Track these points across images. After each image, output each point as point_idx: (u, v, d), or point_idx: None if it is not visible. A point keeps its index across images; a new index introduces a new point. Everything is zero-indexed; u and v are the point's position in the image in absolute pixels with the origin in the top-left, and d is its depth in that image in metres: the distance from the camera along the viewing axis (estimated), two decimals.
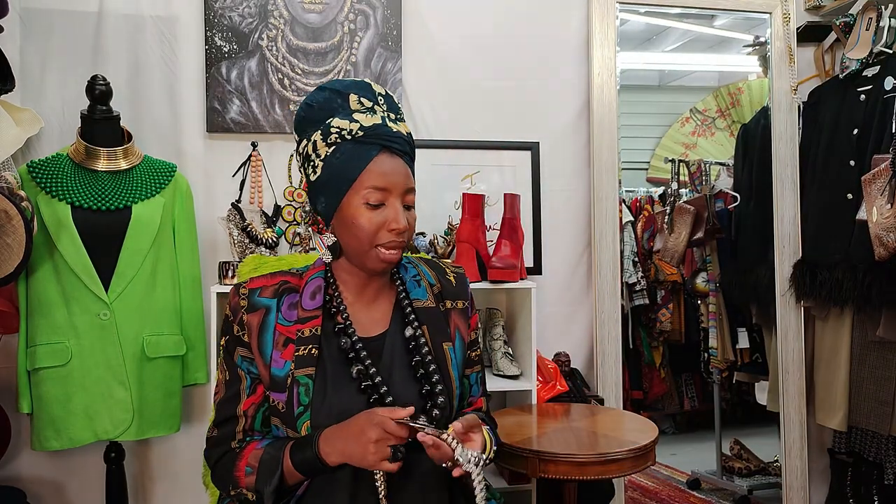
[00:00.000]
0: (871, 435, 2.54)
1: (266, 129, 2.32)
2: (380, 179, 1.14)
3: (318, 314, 1.18)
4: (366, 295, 1.24)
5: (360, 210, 1.14)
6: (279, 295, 1.20)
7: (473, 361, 1.31)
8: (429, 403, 1.17)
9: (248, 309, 1.18)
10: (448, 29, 2.47)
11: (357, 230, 1.14)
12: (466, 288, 1.33)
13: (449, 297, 1.29)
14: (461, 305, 1.30)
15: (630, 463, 1.74)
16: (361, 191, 1.14)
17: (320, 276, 1.23)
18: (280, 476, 1.11)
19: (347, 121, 1.15)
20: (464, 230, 2.25)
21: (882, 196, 2.16)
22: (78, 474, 2.22)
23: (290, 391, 1.14)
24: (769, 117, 2.76)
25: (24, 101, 2.14)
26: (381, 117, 1.17)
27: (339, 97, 1.18)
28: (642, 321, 3.56)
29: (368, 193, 1.14)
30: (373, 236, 1.14)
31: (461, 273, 1.34)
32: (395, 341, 1.22)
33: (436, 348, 1.22)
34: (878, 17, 2.49)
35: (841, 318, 2.53)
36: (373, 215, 1.14)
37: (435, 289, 1.29)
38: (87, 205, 1.95)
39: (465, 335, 1.28)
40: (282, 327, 1.17)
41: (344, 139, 1.15)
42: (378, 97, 1.19)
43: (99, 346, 1.95)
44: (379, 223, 1.14)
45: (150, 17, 2.26)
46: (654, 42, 3.60)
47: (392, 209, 1.15)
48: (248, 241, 2.18)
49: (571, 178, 2.58)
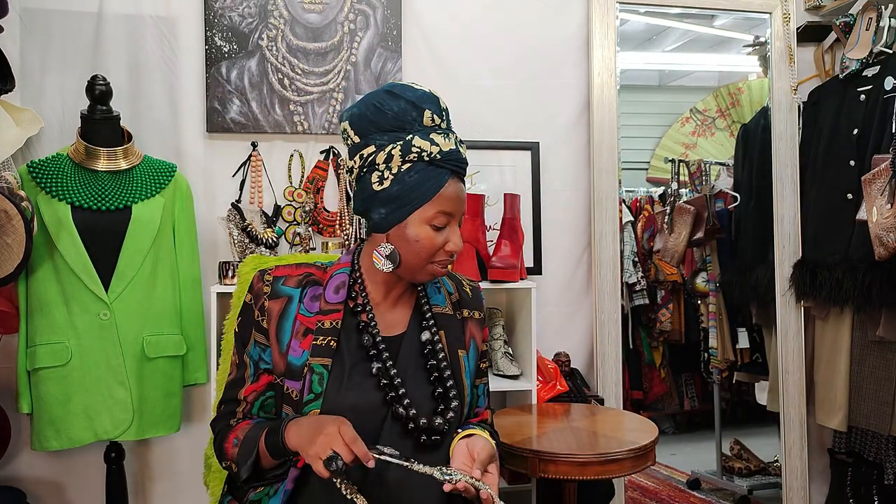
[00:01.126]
0: (871, 435, 2.54)
1: (266, 129, 2.32)
2: (449, 205, 1.18)
3: (339, 308, 1.21)
4: (390, 297, 1.27)
5: (425, 230, 1.17)
6: (303, 286, 1.22)
7: (483, 372, 1.34)
8: (441, 406, 1.20)
9: (271, 296, 1.21)
10: (448, 29, 2.47)
11: (420, 248, 1.18)
12: (481, 301, 1.37)
13: (466, 307, 1.33)
14: (478, 316, 1.34)
15: (630, 463, 1.74)
16: (430, 212, 1.17)
17: (345, 273, 1.25)
18: (256, 455, 1.15)
19: (428, 142, 1.17)
20: (464, 230, 2.24)
21: (882, 196, 2.16)
22: (78, 474, 2.22)
23: (304, 379, 1.16)
24: (769, 117, 2.76)
25: (24, 101, 2.14)
26: (455, 142, 1.20)
27: (414, 110, 1.18)
28: (642, 321, 3.56)
29: (437, 216, 1.17)
30: (432, 255, 1.19)
31: (476, 286, 1.39)
32: (412, 343, 1.25)
33: (451, 354, 1.26)
34: (878, 17, 2.49)
35: (841, 318, 2.53)
36: (436, 235, 1.18)
37: (453, 297, 1.33)
38: (87, 205, 1.95)
39: (479, 345, 1.32)
40: (303, 317, 1.20)
41: (422, 159, 1.16)
42: (443, 112, 1.22)
43: (99, 346, 1.95)
44: (440, 244, 1.19)
45: (150, 17, 2.26)
46: (654, 42, 3.60)
47: (452, 232, 1.19)
48: (248, 241, 2.18)
49: (571, 178, 2.58)
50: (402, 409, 1.16)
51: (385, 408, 1.17)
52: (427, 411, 1.19)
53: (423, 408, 1.19)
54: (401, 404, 1.17)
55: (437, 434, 1.17)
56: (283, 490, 1.17)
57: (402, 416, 1.16)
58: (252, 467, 1.15)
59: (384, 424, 1.17)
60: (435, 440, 1.17)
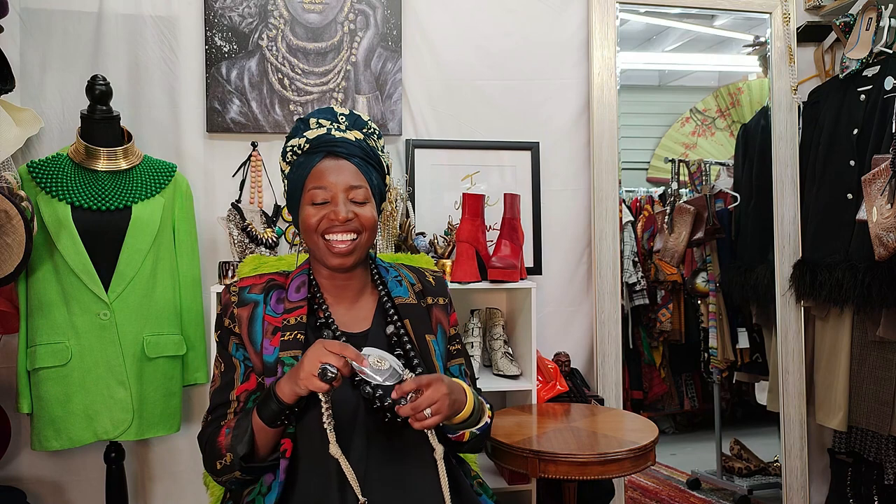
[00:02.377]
0: (871, 435, 2.54)
1: (266, 129, 2.32)
2: (320, 179, 1.26)
3: (303, 304, 1.28)
4: (346, 296, 1.33)
5: (308, 209, 1.26)
6: (267, 291, 1.30)
7: (453, 355, 1.38)
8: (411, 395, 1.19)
9: (239, 303, 1.28)
10: (448, 29, 2.47)
11: (306, 227, 1.26)
12: (445, 288, 1.43)
13: (430, 294, 1.39)
14: (442, 301, 1.39)
15: (630, 463, 1.74)
16: (307, 193, 1.27)
17: (305, 273, 1.34)
18: (251, 433, 1.16)
19: (297, 138, 1.29)
20: (464, 230, 2.25)
21: (882, 196, 2.16)
22: (78, 474, 2.22)
23: (277, 373, 1.20)
24: (769, 117, 2.76)
25: (24, 101, 2.15)
26: (328, 129, 1.28)
27: (302, 124, 1.31)
28: (642, 321, 3.56)
29: (313, 193, 1.26)
30: (317, 227, 1.25)
31: (440, 275, 1.46)
32: (378, 338, 1.29)
33: (419, 340, 1.30)
34: (878, 17, 2.49)
35: (841, 318, 2.53)
36: (317, 210, 1.25)
37: (416, 287, 1.38)
38: (87, 205, 1.95)
39: (447, 328, 1.37)
40: (270, 318, 1.27)
41: (297, 154, 1.29)
42: (339, 116, 1.31)
43: (99, 346, 1.95)
44: (322, 216, 1.25)
45: (150, 17, 2.26)
46: (654, 42, 3.61)
47: (335, 204, 1.25)
48: (248, 241, 2.18)
49: (571, 178, 2.58)
50: (370, 389, 1.20)
51: (356, 398, 1.21)
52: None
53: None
54: (368, 385, 1.19)
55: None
56: (278, 482, 1.18)
57: (369, 395, 1.20)
58: (248, 444, 1.16)
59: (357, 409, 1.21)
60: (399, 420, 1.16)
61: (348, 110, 1.34)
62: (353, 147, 1.28)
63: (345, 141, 1.28)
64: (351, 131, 1.30)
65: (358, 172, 1.28)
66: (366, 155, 1.30)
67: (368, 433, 1.20)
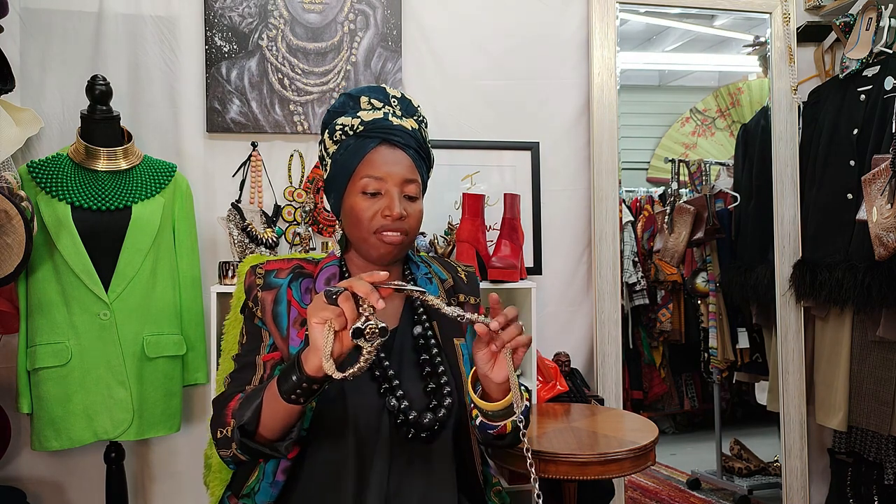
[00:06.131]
0: (871, 435, 2.54)
1: (266, 129, 2.32)
2: (375, 169, 1.19)
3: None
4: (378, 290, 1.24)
5: (358, 199, 1.19)
6: (294, 275, 1.23)
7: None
8: (434, 402, 1.18)
9: (264, 287, 1.22)
10: (448, 29, 2.47)
11: (356, 219, 1.19)
12: (477, 286, 1.38)
13: (461, 292, 1.33)
14: (473, 301, 1.33)
15: (630, 463, 1.74)
16: (359, 181, 1.19)
17: (335, 265, 1.26)
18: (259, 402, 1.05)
19: (350, 118, 1.21)
20: (464, 230, 2.25)
21: (882, 196, 2.16)
22: (78, 474, 2.22)
23: None
24: (769, 117, 2.76)
25: (24, 101, 2.14)
26: (384, 113, 1.22)
27: (351, 101, 1.24)
28: (642, 321, 3.56)
29: (365, 182, 1.18)
30: (370, 223, 1.18)
31: (472, 272, 1.39)
32: (404, 338, 1.24)
33: (446, 345, 1.25)
34: (878, 17, 2.49)
35: (841, 318, 2.53)
36: (370, 203, 1.18)
37: (447, 284, 1.32)
38: (87, 205, 1.95)
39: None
40: (298, 306, 1.20)
41: (347, 135, 1.21)
42: (391, 99, 1.25)
43: (99, 346, 1.95)
44: (376, 210, 1.18)
45: (150, 17, 2.26)
46: (654, 42, 3.61)
47: (389, 197, 1.18)
48: (248, 241, 2.18)
49: (571, 178, 2.58)
50: (395, 401, 1.15)
51: (380, 400, 1.17)
52: (421, 407, 1.17)
53: (417, 403, 1.17)
54: (394, 395, 1.15)
55: (427, 430, 1.15)
56: (275, 482, 1.16)
57: (395, 409, 1.15)
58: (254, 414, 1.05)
59: (380, 418, 1.16)
60: (425, 436, 1.15)
61: (399, 93, 1.27)
62: (410, 138, 1.22)
63: (402, 130, 1.21)
64: (407, 119, 1.24)
65: (413, 165, 1.22)
66: (420, 147, 1.24)
67: (392, 451, 1.15)
